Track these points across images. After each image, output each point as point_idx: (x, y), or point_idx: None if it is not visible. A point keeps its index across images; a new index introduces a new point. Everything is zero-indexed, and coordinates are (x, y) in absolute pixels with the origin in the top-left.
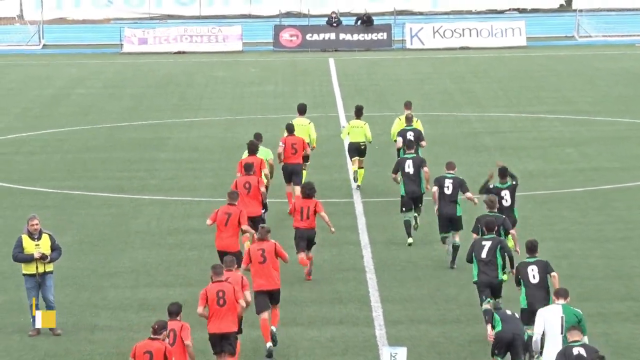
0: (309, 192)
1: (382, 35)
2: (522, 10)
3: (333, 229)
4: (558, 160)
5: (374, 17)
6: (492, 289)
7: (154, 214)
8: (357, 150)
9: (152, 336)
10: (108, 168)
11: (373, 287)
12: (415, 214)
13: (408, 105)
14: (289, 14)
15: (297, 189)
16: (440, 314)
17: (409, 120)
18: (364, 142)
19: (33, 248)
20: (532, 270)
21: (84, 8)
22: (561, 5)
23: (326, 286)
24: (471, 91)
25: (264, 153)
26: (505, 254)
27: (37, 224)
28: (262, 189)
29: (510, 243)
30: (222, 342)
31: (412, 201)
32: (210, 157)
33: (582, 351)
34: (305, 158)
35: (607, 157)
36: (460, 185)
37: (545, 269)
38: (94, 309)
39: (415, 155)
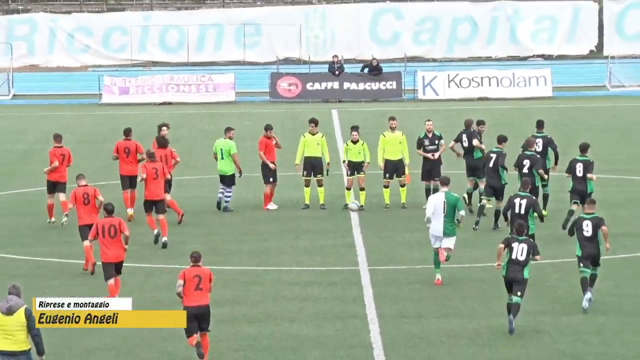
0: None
1: (391, 85)
2: (547, 57)
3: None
4: None
5: (381, 65)
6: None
7: (136, 284)
8: (359, 167)
9: None
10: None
11: None
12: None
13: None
14: (287, 60)
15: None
16: None
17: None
18: (362, 161)
19: None
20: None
21: (58, 54)
22: (591, 52)
23: None
24: None
25: (228, 146)
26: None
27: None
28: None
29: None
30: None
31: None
32: (198, 220)
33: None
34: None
35: None
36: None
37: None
38: None
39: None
